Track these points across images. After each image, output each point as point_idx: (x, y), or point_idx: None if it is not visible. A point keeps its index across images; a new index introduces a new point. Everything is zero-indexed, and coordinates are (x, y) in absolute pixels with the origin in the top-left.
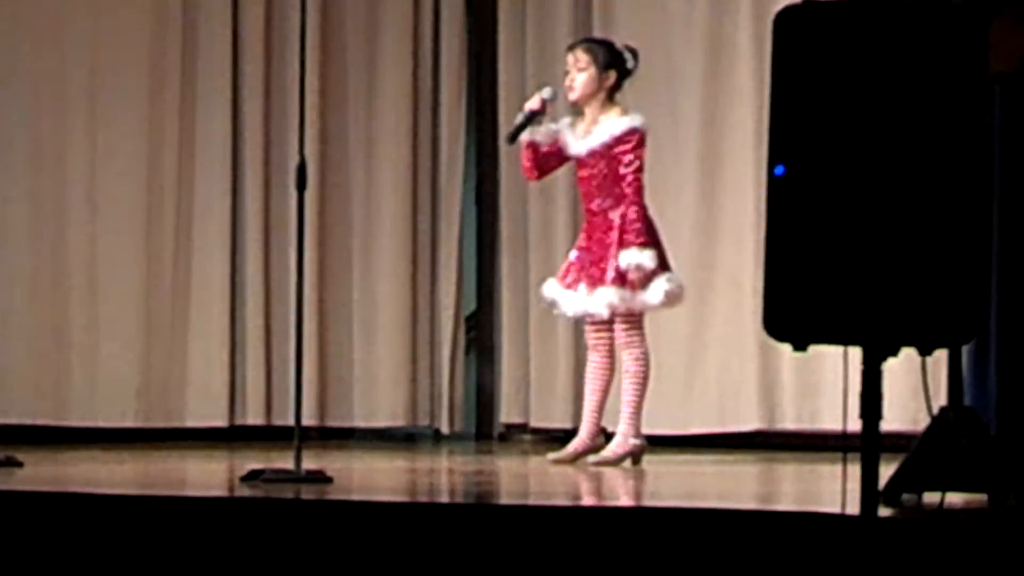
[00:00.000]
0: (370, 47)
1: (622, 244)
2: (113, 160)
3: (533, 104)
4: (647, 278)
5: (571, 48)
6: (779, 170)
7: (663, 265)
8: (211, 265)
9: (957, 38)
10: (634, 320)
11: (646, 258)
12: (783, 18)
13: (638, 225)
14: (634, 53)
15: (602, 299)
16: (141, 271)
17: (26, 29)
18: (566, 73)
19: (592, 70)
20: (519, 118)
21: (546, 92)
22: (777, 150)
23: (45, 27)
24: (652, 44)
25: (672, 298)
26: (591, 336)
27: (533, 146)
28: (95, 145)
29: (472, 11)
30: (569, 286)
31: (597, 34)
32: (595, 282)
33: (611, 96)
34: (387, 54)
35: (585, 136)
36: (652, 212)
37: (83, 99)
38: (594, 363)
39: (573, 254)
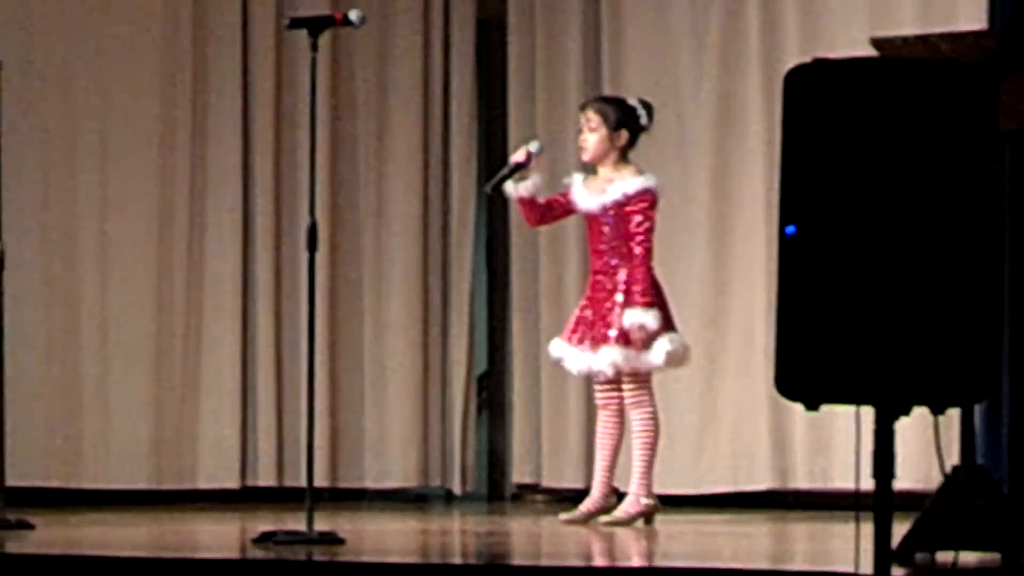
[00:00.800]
0: (380, 108)
1: (627, 303)
2: (124, 219)
3: (519, 157)
4: (650, 338)
5: (583, 107)
6: (790, 229)
7: (667, 326)
8: (222, 326)
9: (967, 97)
10: (641, 379)
11: (650, 318)
12: (794, 76)
13: (643, 285)
14: (648, 108)
15: (606, 358)
16: (153, 332)
17: (37, 83)
18: (579, 132)
19: (603, 131)
20: (503, 170)
21: (533, 146)
22: (788, 209)
23: (53, 90)
24: (662, 101)
25: (674, 359)
26: (600, 395)
27: (524, 201)
28: (106, 203)
29: (482, 70)
30: (574, 344)
31: (606, 90)
32: (599, 341)
33: (624, 154)
34: (397, 115)
35: (598, 194)
36: (662, 270)
37: (92, 162)
38: (604, 422)
39: (578, 311)
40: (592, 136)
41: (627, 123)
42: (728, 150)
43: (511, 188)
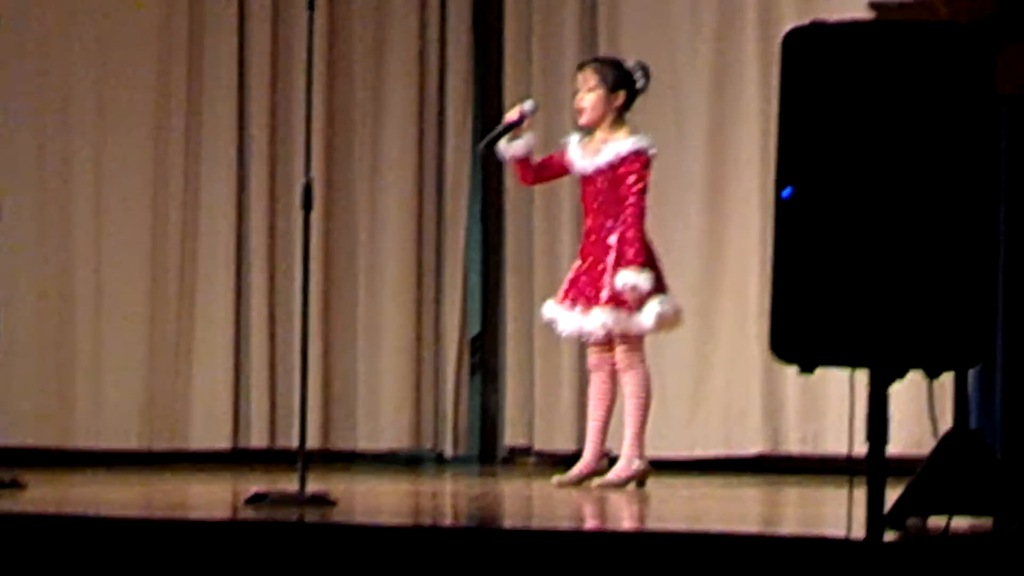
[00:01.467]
0: (376, 69)
1: (619, 264)
2: (118, 183)
3: (512, 115)
4: (642, 299)
5: (581, 67)
6: (787, 192)
7: (659, 288)
8: (215, 287)
9: (965, 60)
10: (633, 342)
11: (642, 279)
12: (791, 39)
13: (636, 246)
14: (645, 70)
15: (596, 319)
16: (145, 294)
17: (31, 51)
18: (575, 92)
19: (601, 91)
20: (497, 128)
21: (527, 105)
22: (785, 171)
23: (49, 49)
24: (658, 63)
25: (665, 321)
26: (592, 358)
27: (518, 160)
28: (100, 167)
29: (477, 31)
30: (566, 305)
31: (603, 52)
32: (590, 302)
33: (620, 116)
34: (392, 75)
35: (592, 155)
36: (656, 233)
37: (88, 122)
38: (596, 385)
39: (571, 273)
40: (590, 96)
41: (624, 84)
42: (724, 113)
43: (504, 147)
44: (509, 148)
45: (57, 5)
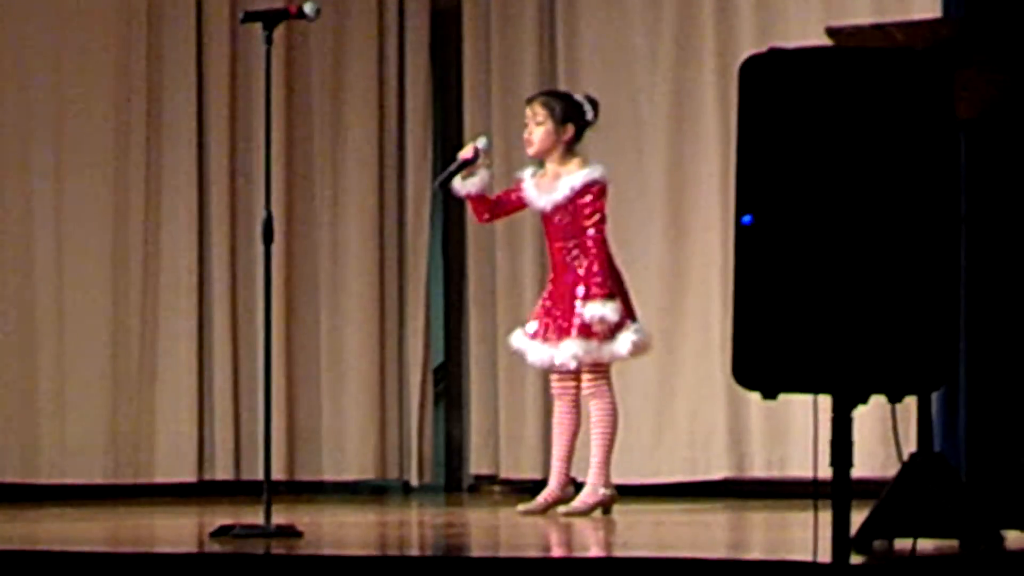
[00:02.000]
0: (335, 102)
1: (587, 296)
2: (79, 217)
3: (466, 153)
4: (612, 329)
5: (529, 101)
6: (747, 219)
7: (629, 315)
8: (178, 321)
9: (923, 85)
10: (600, 370)
11: (609, 310)
12: (749, 66)
13: (600, 278)
14: (594, 104)
15: (567, 350)
16: (108, 327)
17: None
18: (525, 126)
19: (549, 124)
20: (451, 166)
21: (480, 142)
22: (744, 199)
23: (6, 86)
24: (617, 93)
25: (640, 348)
26: (556, 386)
27: (472, 197)
28: (60, 201)
29: (437, 64)
30: (535, 337)
31: (562, 84)
32: (561, 333)
33: (570, 148)
34: (352, 109)
35: (548, 191)
36: (619, 260)
37: (47, 156)
38: (560, 413)
39: (539, 303)
40: (539, 129)
41: (573, 117)
42: (683, 141)
43: (459, 185)
44: (464, 186)
45: (13, 44)
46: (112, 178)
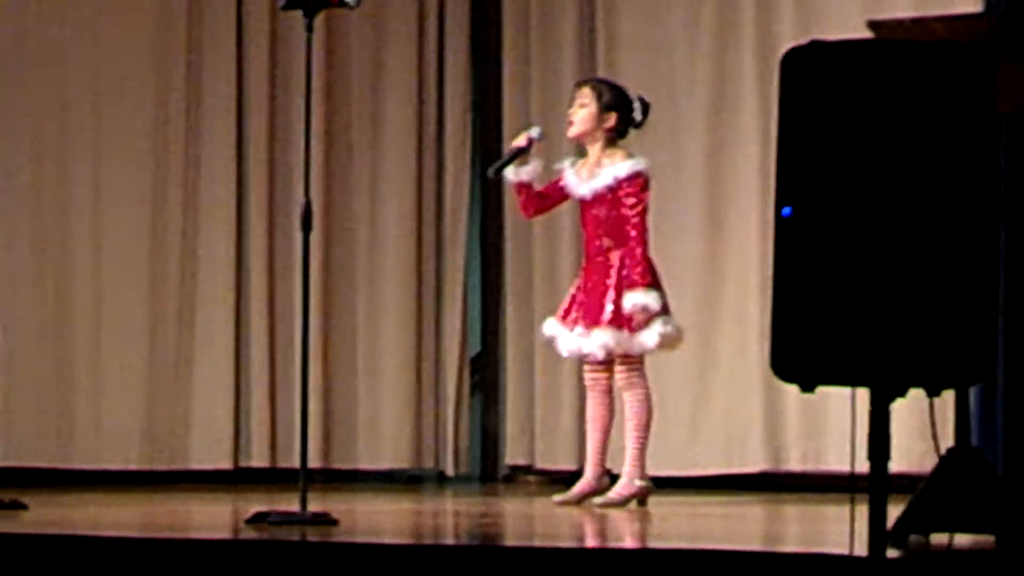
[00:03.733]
0: (374, 89)
1: (627, 285)
2: (117, 203)
3: (520, 142)
4: (651, 319)
5: (579, 84)
6: (786, 211)
7: (662, 308)
8: (215, 307)
9: (964, 79)
10: (633, 361)
11: (652, 299)
12: (790, 58)
13: (642, 267)
14: (645, 105)
15: (597, 340)
16: (146, 314)
17: (28, 70)
18: (570, 107)
19: (593, 108)
20: (505, 155)
21: (534, 131)
22: (784, 191)
23: (48, 69)
24: (656, 85)
25: (668, 341)
26: (588, 376)
27: (522, 186)
28: (99, 188)
29: (476, 53)
30: (567, 324)
31: (601, 74)
32: (592, 323)
33: (613, 139)
34: (391, 96)
35: (589, 178)
36: (656, 253)
37: (86, 143)
38: (593, 404)
39: (572, 292)
40: (581, 111)
41: (618, 107)
42: (723, 133)
43: (512, 173)
44: (517, 173)
45: (54, 27)
46: (151, 165)
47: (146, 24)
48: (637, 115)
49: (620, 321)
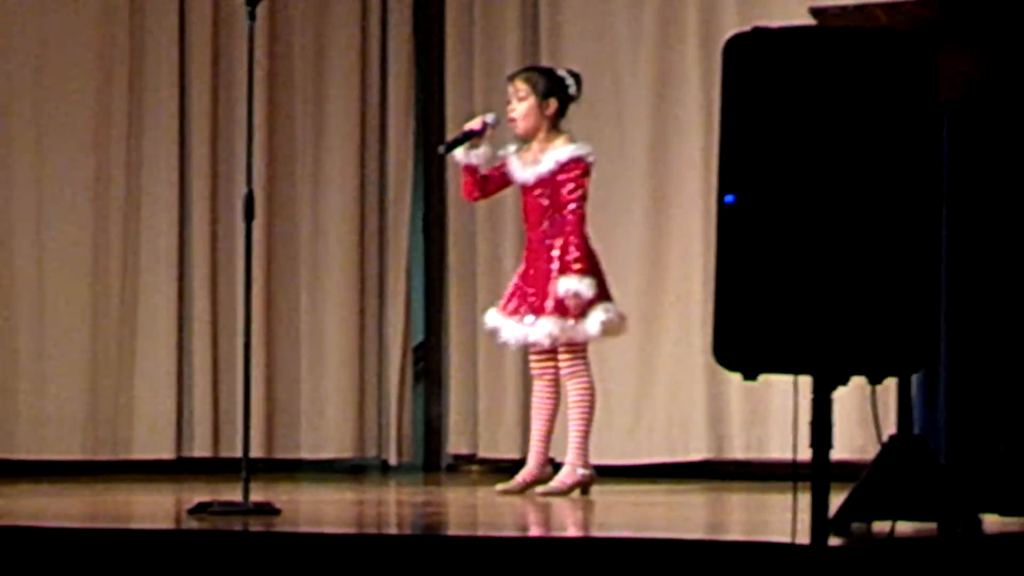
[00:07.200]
0: (316, 79)
1: (561, 270)
2: (59, 194)
3: (474, 124)
4: (585, 306)
5: (511, 78)
6: (729, 198)
7: (602, 295)
8: (158, 297)
9: (907, 66)
10: (577, 349)
11: (584, 286)
12: (733, 45)
13: (577, 253)
14: (576, 78)
15: (542, 328)
16: (88, 303)
17: None
18: (507, 103)
19: (532, 99)
20: (458, 134)
21: (489, 117)
22: (727, 178)
23: None
24: (599, 72)
25: (610, 328)
26: (535, 365)
27: (470, 168)
28: (40, 179)
29: (419, 41)
30: (510, 314)
31: (544, 63)
32: (535, 311)
33: (555, 124)
34: (334, 85)
35: (532, 164)
36: (599, 240)
37: (28, 132)
38: (539, 392)
39: (514, 281)
40: (521, 105)
41: (555, 92)
42: (666, 120)
43: (461, 154)
44: (467, 156)
45: None
46: (92, 154)
47: (89, 12)
48: (572, 90)
49: (563, 309)
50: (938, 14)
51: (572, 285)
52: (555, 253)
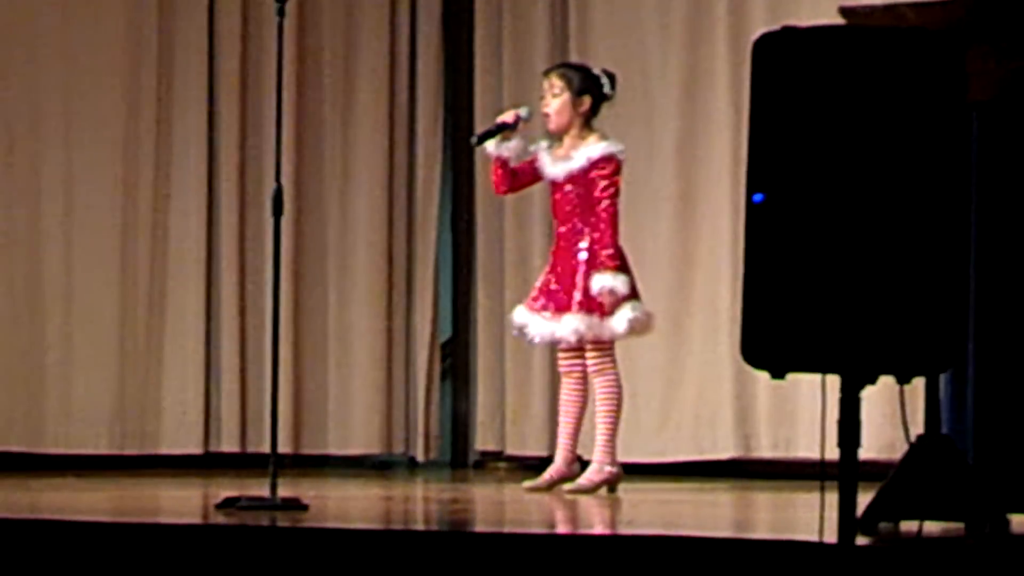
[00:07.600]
0: (346, 75)
1: (595, 267)
2: (88, 189)
3: (507, 117)
4: (617, 303)
5: (546, 73)
6: (757, 197)
7: (631, 293)
8: (186, 292)
9: (936, 66)
10: (605, 347)
11: (620, 283)
12: (762, 44)
13: (611, 250)
14: (611, 77)
15: (569, 325)
16: (116, 298)
17: (0, 50)
18: (541, 98)
19: (566, 96)
20: (491, 126)
21: (523, 110)
22: (756, 177)
23: (19, 55)
24: (628, 70)
25: (637, 326)
26: (563, 362)
27: (501, 161)
28: (70, 173)
29: (449, 38)
30: (537, 311)
31: (573, 60)
32: (562, 308)
33: (588, 121)
34: (363, 81)
35: (563, 160)
36: (627, 239)
37: (58, 127)
38: (567, 390)
39: (541, 278)
40: (555, 101)
41: (590, 89)
42: (695, 119)
43: (493, 146)
44: (499, 148)
45: (23, 14)
46: (122, 148)
47: (117, 11)
48: (607, 89)
49: (591, 306)
50: (967, 15)
51: (607, 282)
52: (584, 250)
